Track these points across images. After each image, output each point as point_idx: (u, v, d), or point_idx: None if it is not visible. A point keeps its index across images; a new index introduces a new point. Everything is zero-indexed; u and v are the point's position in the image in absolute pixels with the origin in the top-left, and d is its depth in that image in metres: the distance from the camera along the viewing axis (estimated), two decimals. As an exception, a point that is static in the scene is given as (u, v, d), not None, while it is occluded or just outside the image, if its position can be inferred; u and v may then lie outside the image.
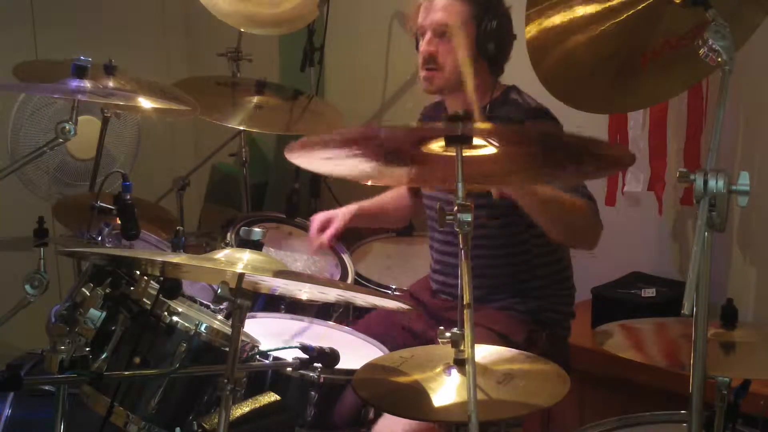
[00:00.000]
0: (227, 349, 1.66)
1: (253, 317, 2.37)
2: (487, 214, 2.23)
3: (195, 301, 2.06)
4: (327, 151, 1.63)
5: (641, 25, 1.57)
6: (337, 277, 2.78)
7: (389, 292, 2.77)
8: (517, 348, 1.91)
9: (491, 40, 2.24)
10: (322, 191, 3.65)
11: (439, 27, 2.27)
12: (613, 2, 1.56)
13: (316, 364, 1.92)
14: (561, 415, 2.75)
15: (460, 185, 1.50)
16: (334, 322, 2.49)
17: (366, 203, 2.73)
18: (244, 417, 1.78)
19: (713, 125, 1.35)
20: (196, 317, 1.92)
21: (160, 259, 1.69)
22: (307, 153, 1.63)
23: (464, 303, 1.48)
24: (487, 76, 2.29)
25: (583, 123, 1.99)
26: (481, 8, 2.23)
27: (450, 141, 1.50)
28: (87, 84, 2.30)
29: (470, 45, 2.25)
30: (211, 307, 2.07)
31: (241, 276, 1.59)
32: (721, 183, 1.27)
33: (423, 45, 2.29)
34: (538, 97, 2.24)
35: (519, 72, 2.04)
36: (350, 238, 3.12)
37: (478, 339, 1.54)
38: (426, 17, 2.29)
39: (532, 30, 1.60)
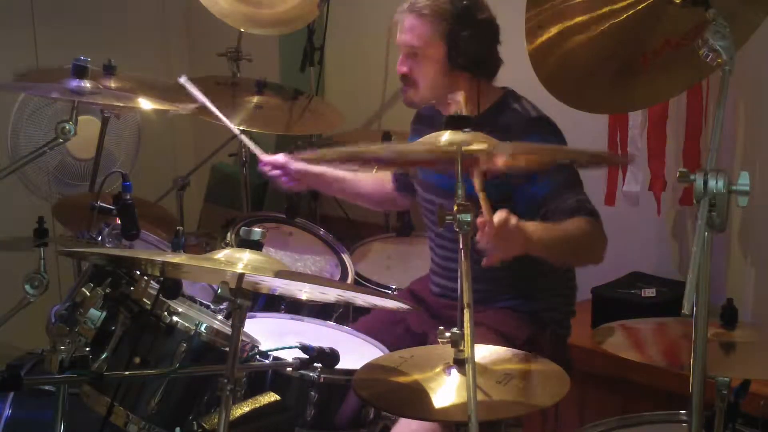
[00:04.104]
0: (227, 349, 1.65)
1: (253, 317, 2.37)
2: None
3: (195, 301, 2.06)
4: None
5: (641, 25, 1.57)
6: (337, 277, 2.78)
7: (389, 292, 2.77)
8: (519, 348, 1.91)
9: (466, 51, 2.23)
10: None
11: (408, 48, 2.30)
12: (613, 3, 1.56)
13: (316, 364, 1.92)
14: (561, 415, 2.75)
15: (459, 185, 1.50)
16: (334, 322, 2.50)
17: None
18: (244, 417, 1.78)
19: (713, 125, 1.35)
20: (196, 317, 1.92)
21: (160, 259, 1.69)
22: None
23: (464, 303, 1.48)
24: (474, 85, 2.28)
25: (583, 123, 1.99)
26: (449, 23, 2.23)
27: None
28: (87, 84, 2.30)
29: (440, 63, 2.26)
30: (211, 307, 2.07)
31: (241, 276, 1.59)
32: (721, 183, 1.27)
33: (397, 64, 2.34)
34: (536, 97, 2.23)
35: (518, 72, 2.04)
36: (350, 238, 3.12)
37: (479, 339, 1.54)
38: (398, 37, 2.32)
39: (531, 31, 1.60)
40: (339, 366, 1.93)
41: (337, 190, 2.80)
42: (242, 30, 3.27)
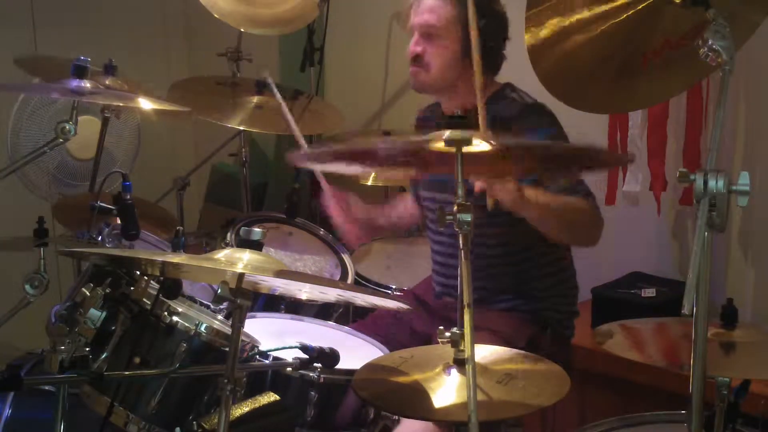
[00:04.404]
0: (227, 349, 1.65)
1: (253, 317, 2.38)
2: (488, 218, 2.23)
3: (195, 301, 2.06)
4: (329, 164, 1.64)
5: (641, 25, 1.57)
6: (337, 277, 2.78)
7: (389, 292, 2.77)
8: (520, 348, 1.90)
9: (482, 39, 2.23)
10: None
11: (426, 28, 2.29)
12: (613, 2, 1.56)
13: (316, 364, 1.92)
14: (561, 415, 2.75)
15: (459, 185, 1.50)
16: (334, 322, 2.50)
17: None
18: (244, 417, 1.78)
19: (713, 125, 1.35)
20: (196, 317, 1.92)
21: (160, 259, 1.69)
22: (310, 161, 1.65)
23: (464, 303, 1.48)
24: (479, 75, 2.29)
25: (583, 123, 1.99)
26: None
27: (449, 141, 1.50)
28: (87, 84, 2.30)
29: (456, 47, 2.26)
30: (211, 307, 2.07)
31: (241, 276, 1.59)
32: (721, 183, 1.27)
33: (411, 45, 2.32)
34: (536, 98, 2.24)
35: (518, 72, 2.04)
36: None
37: (480, 339, 1.54)
38: (414, 18, 2.31)
39: (531, 30, 1.60)
40: (339, 366, 1.93)
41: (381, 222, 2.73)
42: (242, 30, 3.27)
